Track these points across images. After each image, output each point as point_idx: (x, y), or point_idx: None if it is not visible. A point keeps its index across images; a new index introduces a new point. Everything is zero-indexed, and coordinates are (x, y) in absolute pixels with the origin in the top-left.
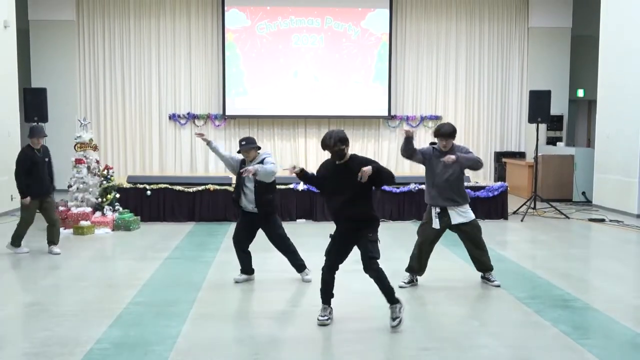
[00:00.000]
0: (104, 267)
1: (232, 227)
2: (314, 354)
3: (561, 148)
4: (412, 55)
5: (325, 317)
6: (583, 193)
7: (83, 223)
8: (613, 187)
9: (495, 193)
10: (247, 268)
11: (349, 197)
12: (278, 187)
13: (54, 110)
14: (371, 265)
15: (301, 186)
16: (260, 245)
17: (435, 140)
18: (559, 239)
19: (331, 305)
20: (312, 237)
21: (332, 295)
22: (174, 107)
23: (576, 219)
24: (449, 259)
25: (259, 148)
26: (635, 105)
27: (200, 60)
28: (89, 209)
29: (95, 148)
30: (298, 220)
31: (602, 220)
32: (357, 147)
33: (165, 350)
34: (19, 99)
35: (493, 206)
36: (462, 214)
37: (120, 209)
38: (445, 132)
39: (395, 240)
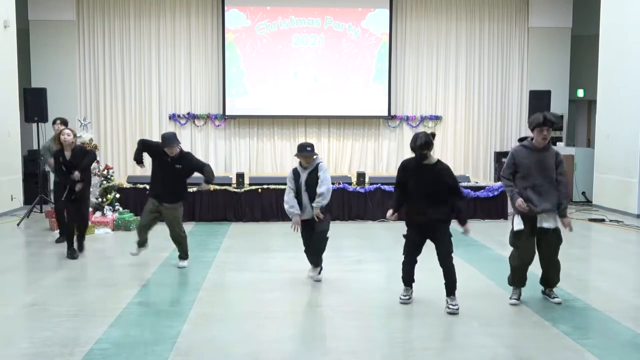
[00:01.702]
0: (104, 267)
1: (232, 227)
2: (314, 353)
3: (561, 148)
4: (412, 55)
5: (407, 297)
6: (583, 193)
7: None
8: (613, 187)
9: (495, 193)
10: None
11: (434, 196)
12: (279, 187)
13: (54, 110)
14: (450, 261)
15: None
16: (260, 245)
17: (531, 134)
18: None
19: (412, 287)
20: None
21: (413, 280)
22: (174, 107)
23: (576, 219)
24: None
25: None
26: (635, 105)
27: (200, 60)
28: (89, 209)
29: (95, 148)
30: None
31: (602, 220)
32: (357, 146)
33: (165, 350)
34: (19, 99)
35: (493, 206)
36: (551, 219)
37: (120, 209)
38: (549, 120)
39: (396, 242)
